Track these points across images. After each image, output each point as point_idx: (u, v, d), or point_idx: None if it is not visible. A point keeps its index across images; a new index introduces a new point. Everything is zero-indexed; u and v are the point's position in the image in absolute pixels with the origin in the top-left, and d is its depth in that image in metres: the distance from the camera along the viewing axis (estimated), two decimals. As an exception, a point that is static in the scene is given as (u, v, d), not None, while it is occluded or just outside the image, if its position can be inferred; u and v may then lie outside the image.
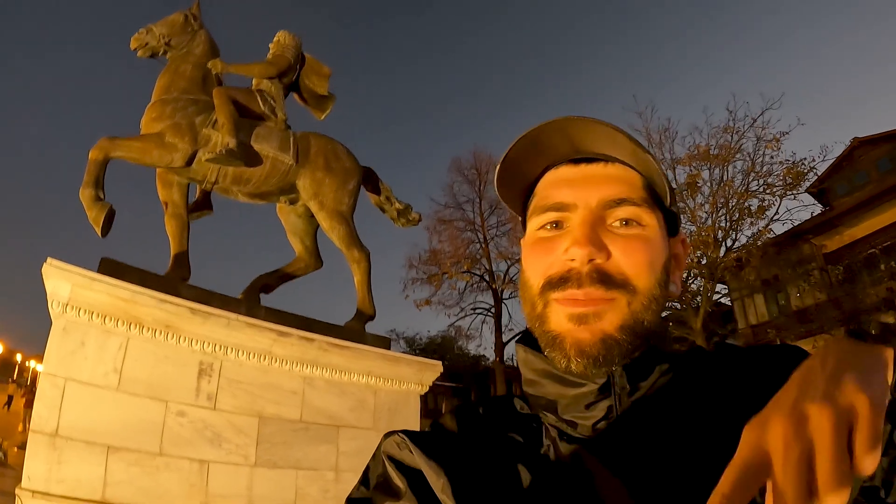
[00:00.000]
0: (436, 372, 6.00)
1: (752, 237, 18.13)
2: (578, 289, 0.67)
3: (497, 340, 27.17)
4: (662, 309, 0.72)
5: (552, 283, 0.70)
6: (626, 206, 0.70)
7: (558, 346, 0.68)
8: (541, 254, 0.72)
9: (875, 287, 17.53)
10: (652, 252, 0.70)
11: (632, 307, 0.68)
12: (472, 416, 0.79)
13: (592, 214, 0.70)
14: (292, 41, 6.43)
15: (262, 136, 5.63)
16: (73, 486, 3.66)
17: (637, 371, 0.69)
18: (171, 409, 4.21)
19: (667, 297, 0.73)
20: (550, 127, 0.71)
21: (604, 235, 0.69)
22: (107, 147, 4.85)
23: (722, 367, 0.71)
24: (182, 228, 5.31)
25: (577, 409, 0.69)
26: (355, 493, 0.74)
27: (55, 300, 3.99)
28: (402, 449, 0.73)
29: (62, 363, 3.90)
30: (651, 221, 0.71)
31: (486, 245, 27.35)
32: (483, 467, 0.67)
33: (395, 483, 0.70)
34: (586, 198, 0.71)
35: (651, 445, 0.63)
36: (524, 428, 0.73)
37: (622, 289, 0.67)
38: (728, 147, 18.10)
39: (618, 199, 0.70)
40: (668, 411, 0.66)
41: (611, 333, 0.66)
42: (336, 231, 5.91)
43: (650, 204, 0.72)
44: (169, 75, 5.49)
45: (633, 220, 0.70)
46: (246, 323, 4.68)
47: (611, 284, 0.67)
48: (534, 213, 0.76)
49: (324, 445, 4.96)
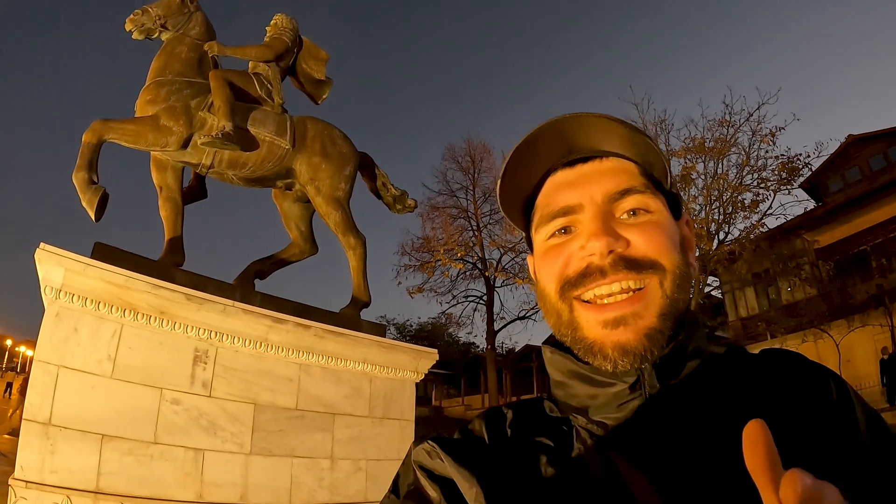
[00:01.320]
0: (431, 359, 6.00)
1: (745, 231, 18.17)
2: (604, 278, 0.66)
3: (489, 328, 27.30)
4: (690, 288, 0.72)
5: (571, 281, 0.70)
6: (632, 196, 0.70)
7: (599, 352, 0.67)
8: (553, 258, 0.72)
9: (865, 283, 17.69)
10: (668, 233, 0.70)
11: (665, 287, 0.67)
12: (501, 420, 0.78)
13: (601, 209, 0.70)
14: (290, 24, 6.35)
15: (258, 120, 5.56)
16: (66, 477, 3.61)
17: (667, 369, 0.67)
18: (166, 397, 4.16)
19: (692, 276, 0.72)
20: (544, 130, 0.71)
21: (617, 227, 0.69)
22: (100, 130, 4.77)
23: (749, 370, 0.70)
24: (176, 213, 5.24)
25: (607, 410, 0.68)
26: (386, 502, 0.74)
27: (48, 286, 3.91)
28: (433, 457, 0.72)
29: (55, 350, 3.84)
30: (658, 206, 0.71)
31: (479, 233, 27.36)
32: (515, 473, 0.67)
33: (429, 493, 0.69)
34: (591, 195, 0.71)
35: (681, 446, 0.62)
36: (555, 431, 0.72)
37: (652, 270, 0.67)
38: (723, 140, 18.09)
39: (622, 191, 0.70)
40: (698, 411, 0.64)
41: (652, 326, 0.65)
42: (332, 217, 5.86)
43: (653, 189, 0.72)
44: (164, 57, 5.39)
45: (641, 208, 0.70)
46: (242, 309, 4.63)
47: (640, 268, 0.67)
48: (540, 224, 0.75)
49: (319, 433, 4.93)
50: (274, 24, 6.34)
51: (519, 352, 34.09)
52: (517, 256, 26.45)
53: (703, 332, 0.73)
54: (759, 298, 21.52)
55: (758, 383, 0.68)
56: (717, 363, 0.71)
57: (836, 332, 17.24)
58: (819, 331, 17.41)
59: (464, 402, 36.58)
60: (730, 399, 0.65)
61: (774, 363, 0.71)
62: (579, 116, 0.70)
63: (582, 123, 0.70)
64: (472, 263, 27.08)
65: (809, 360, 0.73)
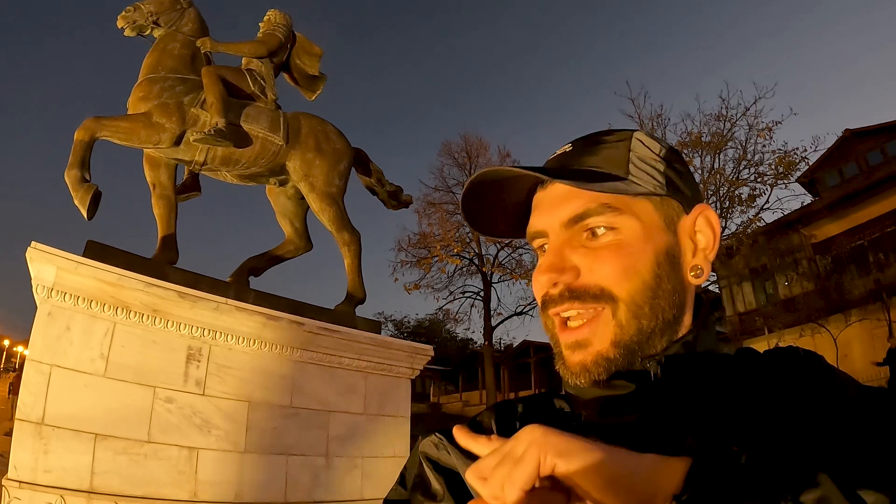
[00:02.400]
0: (427, 356, 5.99)
1: (742, 225, 18.22)
2: (556, 306, 0.70)
3: (486, 324, 27.23)
4: (672, 304, 0.70)
5: (543, 304, 0.73)
6: (587, 219, 0.70)
7: (567, 367, 0.70)
8: (536, 276, 0.73)
9: (862, 278, 17.71)
10: (626, 256, 0.68)
11: (617, 318, 0.68)
12: (511, 413, 0.79)
13: (559, 238, 0.71)
14: (283, 20, 6.31)
15: (251, 117, 5.53)
16: (60, 476, 3.59)
17: (674, 368, 0.68)
18: (160, 396, 4.14)
19: (675, 290, 0.71)
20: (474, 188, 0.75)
21: (574, 253, 0.69)
22: (92, 127, 4.74)
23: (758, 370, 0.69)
24: (170, 210, 5.21)
25: (616, 410, 0.69)
26: (393, 494, 0.75)
27: (40, 284, 3.90)
28: (440, 449, 0.73)
29: (47, 349, 3.82)
30: (625, 222, 0.69)
31: (476, 229, 27.26)
32: None
33: (433, 484, 0.71)
34: (552, 223, 0.72)
35: (689, 444, 0.60)
36: (564, 427, 0.69)
37: (601, 300, 0.68)
38: (720, 135, 18.11)
39: (576, 217, 0.70)
40: (706, 410, 0.64)
41: (603, 354, 0.67)
42: (326, 213, 5.84)
43: (614, 207, 0.70)
44: (157, 54, 5.36)
45: (603, 227, 0.69)
46: (235, 307, 4.62)
47: (585, 298, 0.68)
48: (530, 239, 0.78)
49: (314, 431, 4.92)
50: (267, 19, 6.30)
51: (516, 347, 34.11)
52: (514, 252, 26.45)
53: (713, 332, 0.74)
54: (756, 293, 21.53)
55: (766, 384, 0.67)
56: (726, 363, 0.71)
57: (833, 326, 17.25)
58: (816, 326, 17.42)
59: (462, 399, 36.62)
60: (738, 399, 0.65)
61: (782, 363, 0.70)
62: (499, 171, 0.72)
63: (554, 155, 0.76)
64: (468, 259, 27.02)
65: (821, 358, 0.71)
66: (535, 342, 32.96)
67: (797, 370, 0.68)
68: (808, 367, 0.68)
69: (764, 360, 0.72)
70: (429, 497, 0.69)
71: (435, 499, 0.68)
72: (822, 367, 0.68)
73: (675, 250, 0.72)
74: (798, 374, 0.68)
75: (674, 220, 0.73)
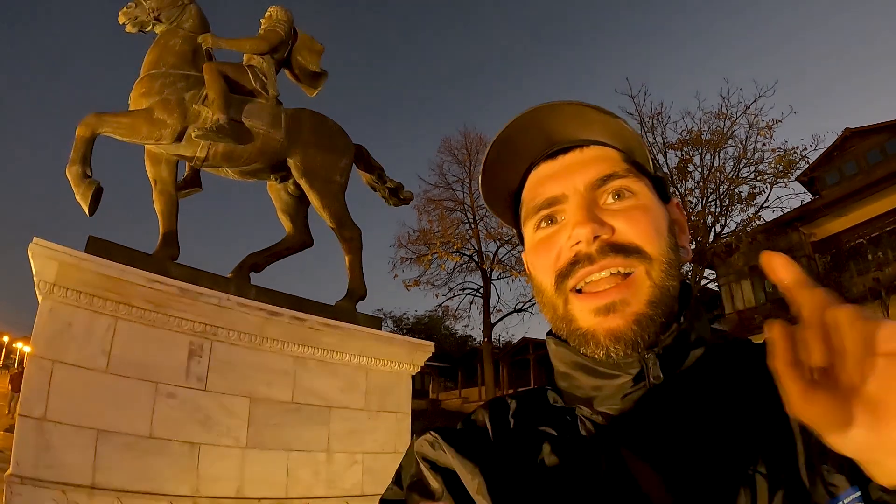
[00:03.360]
0: (427, 352, 6.00)
1: (742, 223, 18.24)
2: (592, 265, 0.67)
3: (485, 321, 27.20)
4: (681, 274, 0.72)
5: (563, 273, 0.69)
6: (614, 181, 0.71)
7: (592, 340, 0.67)
8: (544, 252, 0.72)
9: (862, 277, 17.74)
10: (653, 218, 0.70)
11: (652, 276, 0.67)
12: (504, 410, 0.78)
13: (584, 198, 0.70)
14: (284, 16, 6.31)
15: (252, 113, 5.54)
16: (62, 472, 3.60)
17: (670, 359, 0.67)
18: (161, 391, 4.15)
19: (681, 261, 0.72)
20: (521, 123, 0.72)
21: (601, 214, 0.69)
22: (94, 123, 4.74)
23: (748, 359, 0.70)
24: (171, 206, 5.22)
25: (611, 401, 0.68)
26: (389, 493, 0.73)
27: (42, 280, 3.90)
28: (436, 448, 0.71)
29: (49, 345, 3.83)
30: (642, 189, 0.72)
31: (476, 225, 27.22)
32: (518, 463, 0.67)
33: (431, 483, 0.69)
34: (573, 185, 0.71)
35: (685, 436, 0.62)
36: (558, 421, 0.72)
37: (637, 256, 0.67)
38: (720, 133, 18.12)
39: (604, 177, 0.71)
40: (702, 400, 0.65)
41: (642, 312, 0.65)
42: (327, 209, 5.85)
43: (636, 173, 0.72)
44: (158, 50, 5.36)
45: (625, 190, 0.71)
46: (237, 302, 4.63)
47: (627, 252, 0.67)
48: (527, 218, 0.76)
49: (315, 427, 4.93)
50: (268, 16, 6.30)
51: (516, 344, 34.10)
52: (514, 249, 26.38)
53: (705, 321, 0.73)
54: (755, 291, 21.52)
55: (758, 372, 0.66)
56: (720, 352, 0.71)
57: (832, 324, 17.23)
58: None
59: (461, 395, 36.60)
60: (733, 388, 0.65)
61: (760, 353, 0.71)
62: (554, 106, 0.70)
63: (558, 113, 0.71)
64: (468, 256, 27.01)
65: None
66: (534, 339, 32.93)
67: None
68: None
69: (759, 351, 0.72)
70: (427, 496, 0.68)
71: (433, 497, 0.67)
72: None
73: (673, 228, 0.74)
74: None
75: (661, 200, 0.76)
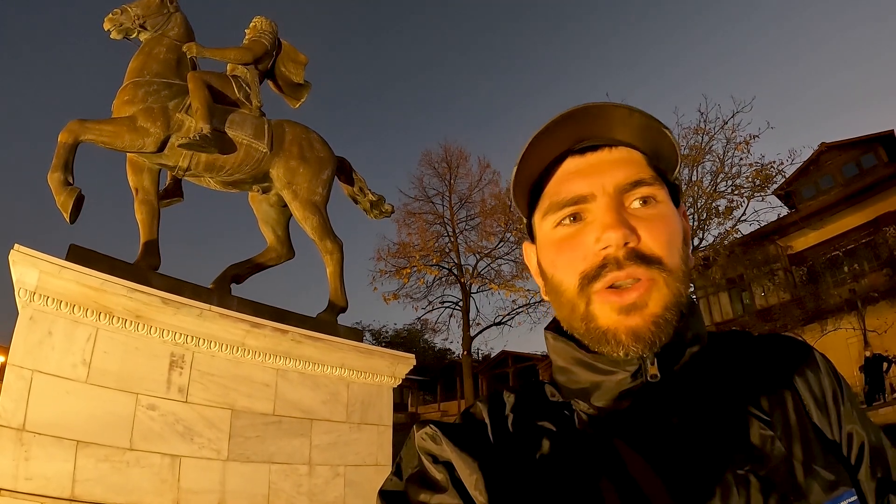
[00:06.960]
0: (409, 365, 5.99)
1: (719, 237, 18.46)
2: (620, 270, 0.66)
3: (465, 334, 27.15)
4: (689, 280, 0.73)
5: (590, 276, 0.68)
6: (642, 187, 0.70)
7: (613, 339, 0.67)
8: (568, 250, 0.71)
9: (838, 288, 18.06)
10: (672, 229, 0.71)
11: (669, 285, 0.67)
12: (502, 404, 0.78)
13: (613, 200, 0.69)
14: (269, 27, 6.33)
15: (236, 123, 5.52)
16: (41, 484, 3.53)
17: (668, 356, 0.68)
18: (142, 403, 4.10)
19: (690, 269, 0.73)
20: (560, 120, 0.70)
21: (630, 218, 0.69)
22: (76, 130, 4.70)
23: (746, 354, 0.74)
24: (152, 216, 5.17)
25: (609, 397, 0.69)
26: (388, 485, 0.73)
27: (22, 288, 3.84)
28: (437, 442, 0.72)
29: (29, 354, 3.75)
30: (664, 197, 0.72)
31: (455, 239, 27.26)
32: (516, 457, 0.68)
33: (435, 476, 0.69)
34: (602, 185, 0.70)
35: (680, 431, 0.64)
36: (556, 416, 0.73)
37: (658, 267, 0.67)
38: (698, 148, 18.36)
39: (633, 182, 0.70)
40: (698, 396, 0.67)
41: (661, 314, 0.66)
42: (309, 221, 5.84)
43: (659, 181, 0.72)
44: (142, 57, 5.33)
45: (651, 198, 0.70)
46: (219, 314, 4.59)
47: (650, 262, 0.67)
48: (549, 212, 0.74)
49: (297, 439, 4.89)
50: (253, 26, 6.31)
51: (495, 358, 34.19)
52: (493, 262, 26.50)
53: (701, 319, 0.75)
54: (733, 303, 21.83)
55: (756, 368, 0.71)
56: (716, 348, 0.73)
57: (809, 336, 17.56)
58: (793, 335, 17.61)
59: (440, 409, 36.53)
60: (729, 384, 0.68)
61: (775, 348, 0.75)
62: (601, 107, 0.69)
63: (600, 111, 0.70)
64: (447, 269, 27.01)
65: (812, 347, 0.76)
66: (513, 352, 33.04)
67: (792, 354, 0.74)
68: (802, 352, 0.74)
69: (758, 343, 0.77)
70: (431, 488, 0.68)
71: (436, 489, 0.67)
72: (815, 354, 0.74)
73: (685, 237, 0.75)
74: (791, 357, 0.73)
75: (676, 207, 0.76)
